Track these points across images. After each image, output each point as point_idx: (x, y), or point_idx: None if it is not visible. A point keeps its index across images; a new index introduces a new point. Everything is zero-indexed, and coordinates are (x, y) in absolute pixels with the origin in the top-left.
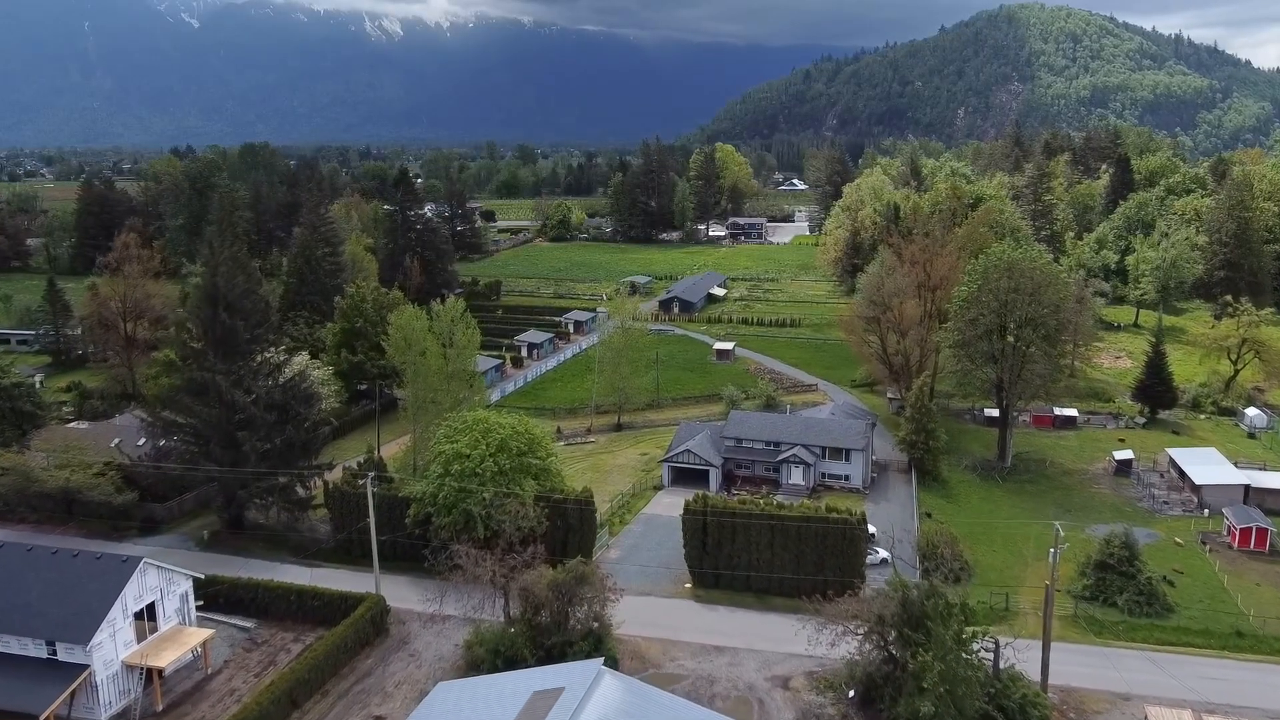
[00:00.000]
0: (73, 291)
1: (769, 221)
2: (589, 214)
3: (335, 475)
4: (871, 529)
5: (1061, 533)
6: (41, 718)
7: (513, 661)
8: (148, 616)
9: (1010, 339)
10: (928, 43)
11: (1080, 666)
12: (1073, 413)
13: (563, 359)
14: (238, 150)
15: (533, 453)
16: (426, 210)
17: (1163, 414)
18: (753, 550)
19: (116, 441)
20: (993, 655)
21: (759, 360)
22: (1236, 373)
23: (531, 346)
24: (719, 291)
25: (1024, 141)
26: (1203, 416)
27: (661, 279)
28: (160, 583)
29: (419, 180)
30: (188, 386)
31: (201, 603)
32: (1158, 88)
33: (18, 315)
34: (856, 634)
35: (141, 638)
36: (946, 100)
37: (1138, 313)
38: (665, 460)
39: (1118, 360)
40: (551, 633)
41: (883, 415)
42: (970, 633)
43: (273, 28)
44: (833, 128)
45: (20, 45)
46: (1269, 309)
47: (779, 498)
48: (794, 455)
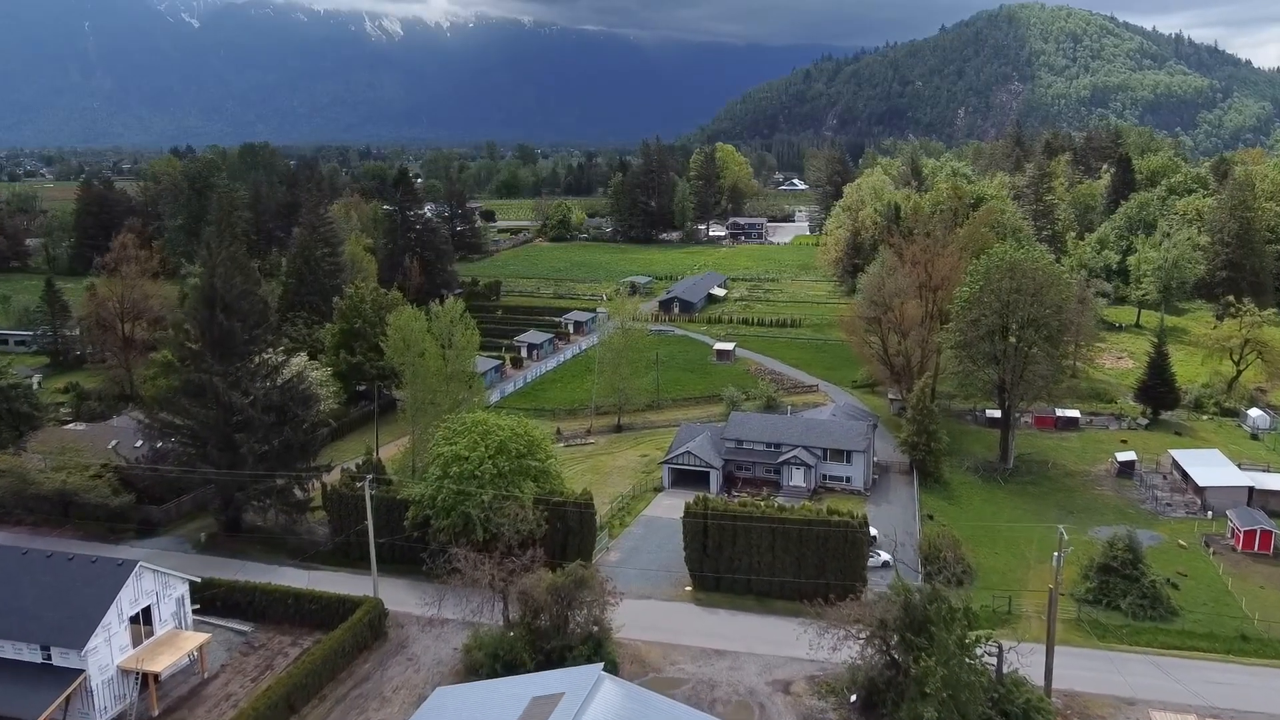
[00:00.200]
0: (71, 292)
1: (769, 221)
2: (589, 214)
3: (333, 477)
4: (873, 531)
5: (1065, 536)
6: None
7: (512, 666)
8: (143, 620)
9: (1012, 340)
10: (928, 42)
11: (1084, 671)
12: (1075, 414)
13: (562, 360)
14: (237, 150)
15: (532, 455)
16: (426, 210)
17: (1165, 415)
18: (754, 553)
19: (114, 443)
20: (996, 660)
21: (759, 361)
22: (1239, 373)
23: (531, 347)
24: (719, 292)
25: (1025, 141)
26: (1205, 417)
27: (661, 279)
28: (156, 586)
29: (419, 180)
30: (185, 388)
31: (198, 606)
32: (1158, 87)
33: (16, 316)
34: (858, 638)
35: (137, 642)
36: (947, 100)
37: (1139, 313)
38: (665, 462)
39: (1119, 361)
40: (551, 637)
41: (884, 416)
42: (974, 637)
43: (273, 28)
44: (833, 128)
45: (20, 45)
46: (1271, 309)
47: (780, 500)
48: (795, 457)
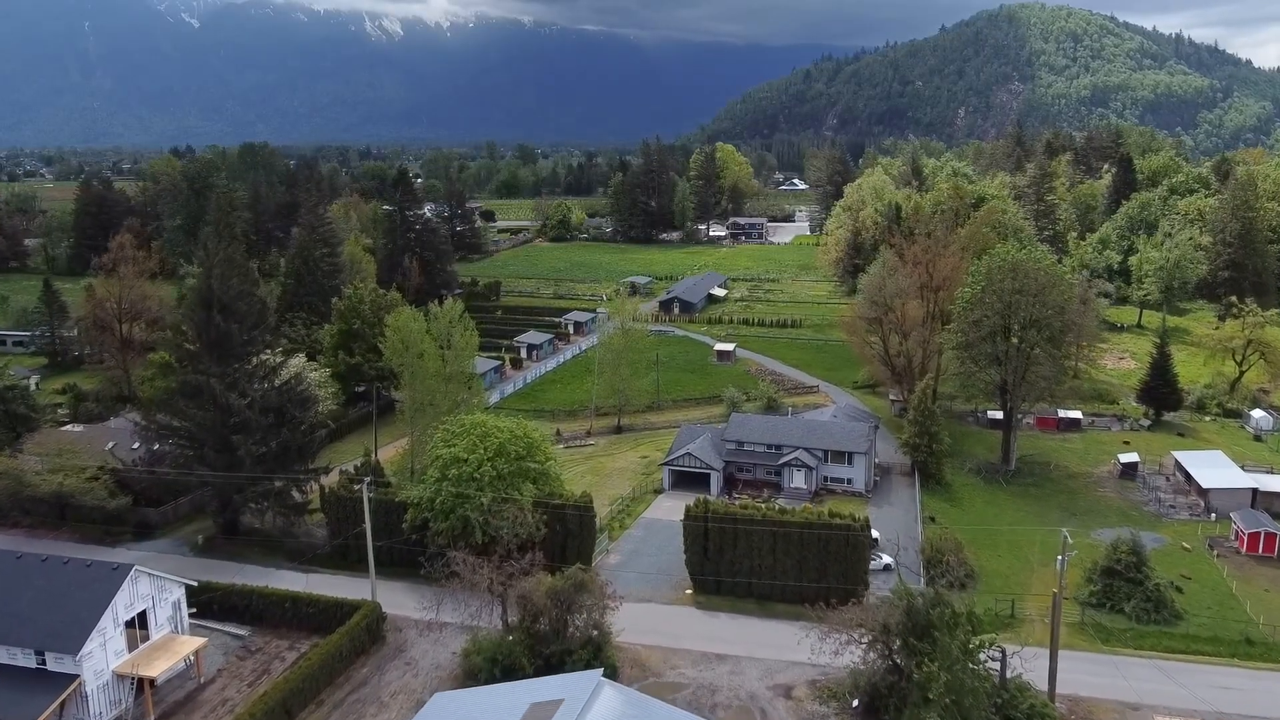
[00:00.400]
0: (70, 292)
1: (769, 221)
2: (589, 214)
3: (332, 479)
4: (875, 534)
5: (1070, 540)
6: None
7: (511, 670)
8: (139, 625)
9: (1014, 341)
10: (928, 42)
11: (1088, 675)
12: (1077, 415)
13: (562, 360)
14: (237, 150)
15: (531, 457)
16: (425, 210)
17: (1167, 416)
18: (754, 556)
19: (111, 445)
20: (999, 665)
21: (760, 361)
22: (1241, 374)
23: (531, 348)
24: (719, 292)
25: (1026, 141)
26: (1208, 418)
27: (662, 279)
28: (152, 590)
29: (419, 180)
30: (182, 389)
31: (195, 610)
32: (1158, 87)
33: (14, 316)
34: (860, 643)
35: (133, 646)
36: (947, 100)
37: (1141, 313)
38: (666, 463)
39: (1121, 361)
40: (550, 641)
41: (885, 417)
42: (977, 642)
43: (273, 28)
44: (833, 127)
45: (20, 45)
46: (1274, 309)
47: (781, 501)
48: (796, 459)
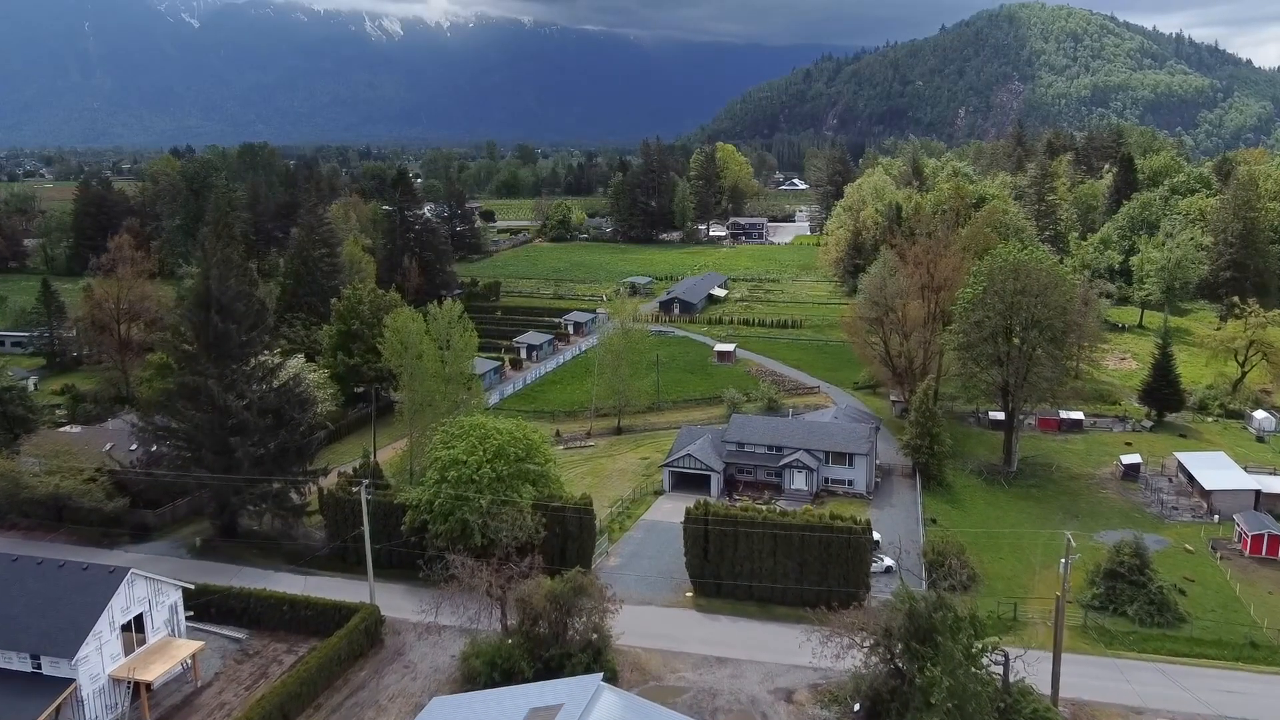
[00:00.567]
0: (68, 293)
1: (770, 221)
2: (589, 214)
3: (330, 481)
4: (876, 536)
5: (1073, 543)
6: None
7: (510, 674)
8: (135, 628)
9: (1016, 341)
10: (928, 42)
11: (1091, 679)
12: (1079, 416)
13: (562, 361)
14: (236, 150)
15: (530, 458)
16: (425, 210)
17: (1169, 417)
18: (755, 559)
19: (109, 446)
20: (1002, 668)
21: (760, 362)
22: (1244, 375)
23: (531, 348)
24: (720, 292)
25: (1026, 141)
26: (1210, 419)
27: (662, 279)
28: (148, 594)
29: (418, 180)
30: (179, 390)
31: (192, 613)
32: (1159, 87)
33: (13, 317)
34: (862, 646)
35: (129, 650)
36: (947, 100)
37: (1142, 314)
38: (666, 465)
39: (1122, 362)
40: (549, 644)
41: (886, 418)
42: (980, 646)
43: (273, 28)
44: (833, 127)
45: (20, 45)
46: (1276, 310)
47: (781, 503)
48: (797, 460)
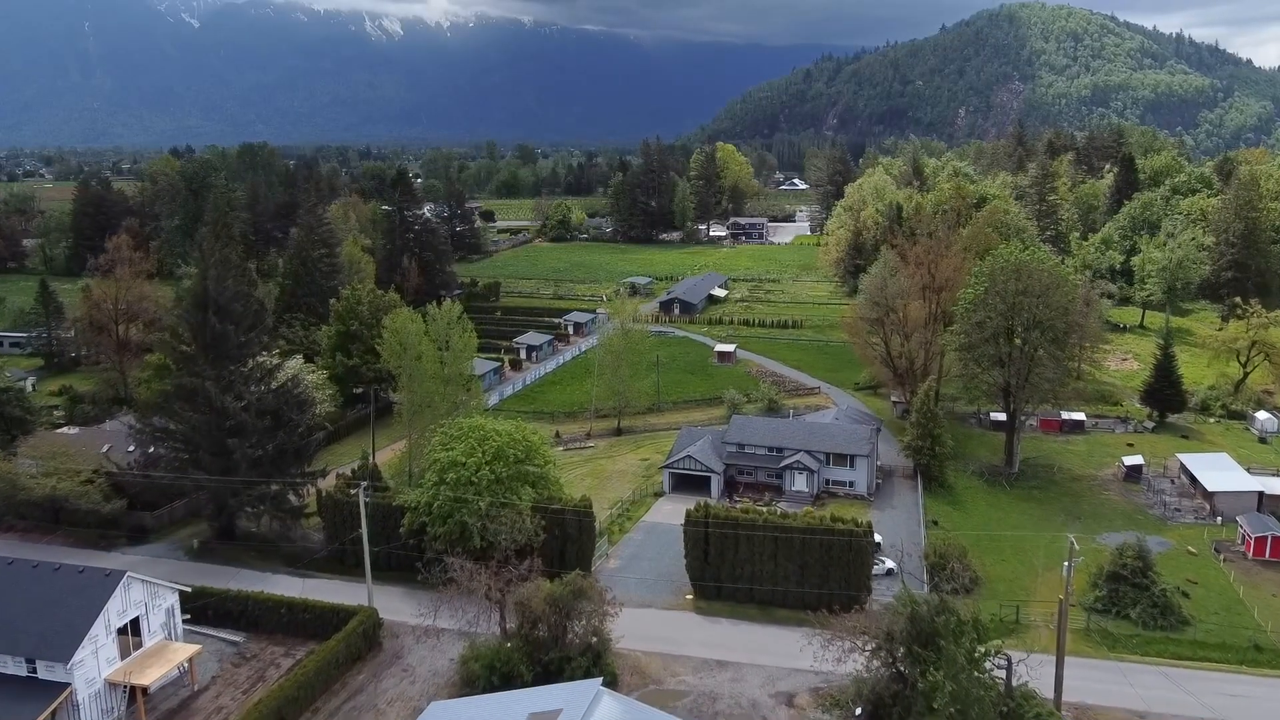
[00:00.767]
0: (67, 293)
1: (770, 221)
2: (589, 214)
3: (329, 482)
4: (877, 538)
5: (1076, 546)
6: None
7: (509, 678)
8: (132, 632)
9: (1018, 342)
10: (928, 42)
11: (1094, 683)
12: (1080, 417)
13: (562, 361)
14: (236, 150)
15: (530, 460)
16: (425, 211)
17: (1171, 418)
18: (756, 561)
19: (106, 448)
20: (1005, 672)
21: (761, 362)
22: (1246, 375)
23: (530, 349)
24: (720, 292)
25: (1027, 141)
26: (1212, 420)
27: (662, 280)
28: (145, 596)
29: (418, 180)
30: (177, 392)
31: (189, 616)
32: (1159, 87)
33: (11, 317)
34: (864, 650)
35: (125, 654)
36: (947, 99)
37: (1143, 314)
38: (666, 466)
39: (1124, 362)
40: (549, 648)
41: (887, 419)
42: (983, 649)
43: (273, 28)
44: (833, 127)
45: (20, 45)
46: (1278, 310)
47: (782, 505)
48: (797, 461)
